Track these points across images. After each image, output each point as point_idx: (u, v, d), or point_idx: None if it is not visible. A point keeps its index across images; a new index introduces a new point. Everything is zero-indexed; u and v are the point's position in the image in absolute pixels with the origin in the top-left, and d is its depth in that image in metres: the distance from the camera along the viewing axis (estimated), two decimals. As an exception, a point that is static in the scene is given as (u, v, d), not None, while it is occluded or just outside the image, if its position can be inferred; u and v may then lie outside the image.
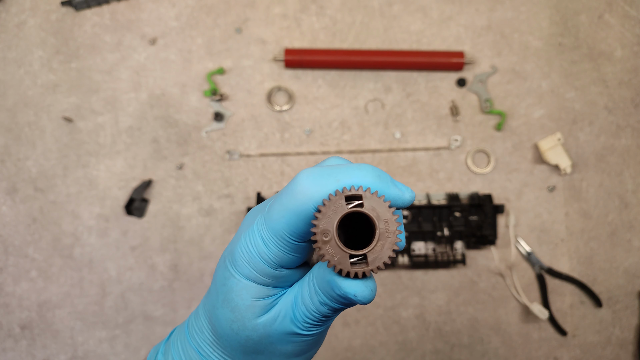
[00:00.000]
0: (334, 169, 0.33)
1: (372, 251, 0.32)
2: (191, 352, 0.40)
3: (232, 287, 0.36)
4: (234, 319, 0.36)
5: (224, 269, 0.37)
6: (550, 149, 0.90)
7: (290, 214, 0.33)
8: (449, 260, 0.88)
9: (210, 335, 0.39)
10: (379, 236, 0.32)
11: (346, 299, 0.33)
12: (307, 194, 0.33)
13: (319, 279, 0.34)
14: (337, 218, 0.31)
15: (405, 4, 0.94)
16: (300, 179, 0.33)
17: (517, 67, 0.93)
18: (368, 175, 0.33)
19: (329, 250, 0.32)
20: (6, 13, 0.91)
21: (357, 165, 0.34)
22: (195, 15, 0.93)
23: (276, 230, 0.33)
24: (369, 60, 0.91)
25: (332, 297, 0.34)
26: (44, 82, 0.91)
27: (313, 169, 0.34)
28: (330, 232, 0.31)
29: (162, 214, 0.90)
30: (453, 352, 0.91)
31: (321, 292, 0.34)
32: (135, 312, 0.89)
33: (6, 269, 0.89)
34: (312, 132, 0.92)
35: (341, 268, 0.32)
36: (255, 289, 0.35)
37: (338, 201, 0.32)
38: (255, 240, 0.35)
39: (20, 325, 0.89)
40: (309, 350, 0.38)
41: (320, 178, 0.33)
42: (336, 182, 0.33)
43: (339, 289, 0.33)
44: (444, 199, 0.90)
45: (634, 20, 0.94)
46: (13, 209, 0.89)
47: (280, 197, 0.34)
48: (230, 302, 0.36)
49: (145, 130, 0.91)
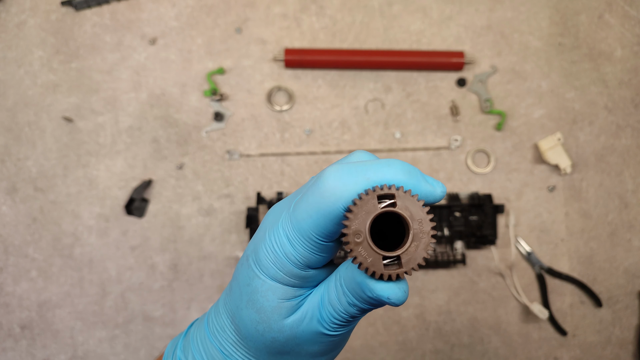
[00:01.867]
0: (362, 166, 0.32)
1: (406, 252, 0.31)
2: (213, 350, 0.39)
3: (257, 288, 0.35)
4: (259, 320, 0.35)
5: (248, 269, 0.36)
6: (550, 149, 0.90)
7: (318, 214, 0.31)
8: (449, 260, 0.88)
9: (233, 335, 0.38)
10: (413, 237, 0.31)
11: (378, 301, 0.32)
12: (335, 193, 0.31)
13: (348, 279, 0.33)
14: (369, 218, 0.30)
15: (405, 4, 0.94)
16: (328, 177, 0.32)
17: (517, 67, 0.93)
18: (398, 171, 0.32)
19: (361, 252, 0.30)
20: (6, 13, 0.91)
21: (386, 162, 0.32)
22: (195, 15, 0.93)
23: (303, 231, 0.32)
24: (369, 60, 0.91)
25: (362, 298, 0.33)
26: (44, 82, 0.91)
27: (341, 165, 0.32)
28: (362, 233, 0.30)
29: (162, 213, 0.90)
30: (453, 352, 0.91)
31: (350, 294, 0.33)
32: (135, 312, 0.89)
33: (6, 269, 0.89)
34: (312, 132, 0.92)
35: (374, 270, 0.30)
36: (282, 290, 0.34)
37: (370, 201, 0.30)
38: (280, 240, 0.33)
39: (20, 325, 0.89)
40: (334, 349, 0.38)
41: (348, 176, 0.31)
42: (366, 180, 0.31)
43: (371, 291, 0.32)
44: (444, 199, 0.90)
45: (634, 20, 0.94)
46: (13, 209, 0.89)
47: (307, 195, 0.32)
48: (256, 303, 0.35)
49: (145, 130, 0.91)
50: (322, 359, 0.38)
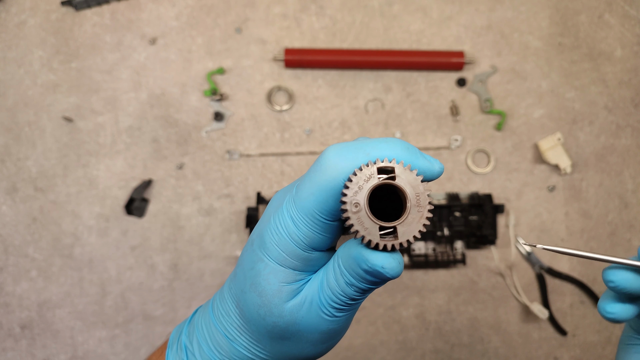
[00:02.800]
0: (362, 143, 0.33)
1: (402, 224, 0.31)
2: (218, 335, 0.39)
3: (260, 271, 0.35)
4: (260, 304, 0.36)
5: (252, 253, 0.36)
6: (550, 148, 0.90)
7: (320, 190, 0.32)
8: (449, 260, 0.88)
9: (238, 319, 0.38)
10: (410, 210, 0.31)
11: (373, 273, 0.33)
12: (336, 168, 0.32)
13: (345, 258, 0.34)
14: (368, 188, 0.31)
15: (405, 4, 0.94)
16: (329, 153, 0.33)
17: (517, 67, 0.93)
18: (397, 147, 0.33)
19: (359, 221, 0.31)
20: (6, 13, 0.91)
21: (384, 139, 0.33)
22: (195, 15, 0.93)
23: (306, 209, 0.33)
24: (369, 60, 0.91)
25: (358, 275, 0.33)
26: (44, 81, 0.91)
27: (341, 144, 0.33)
28: (360, 202, 0.31)
29: (162, 213, 0.90)
30: (453, 352, 0.91)
31: (347, 272, 0.34)
32: (135, 311, 0.89)
33: (6, 269, 0.89)
34: (312, 132, 0.92)
35: (370, 239, 0.31)
36: (283, 273, 0.35)
37: (370, 172, 0.31)
38: (284, 221, 0.34)
39: (20, 325, 0.89)
40: (333, 338, 0.38)
41: (348, 152, 0.32)
42: (366, 155, 0.32)
43: (366, 262, 0.32)
44: (444, 199, 0.90)
45: (634, 20, 0.94)
46: (13, 209, 0.89)
47: (309, 174, 0.33)
48: (258, 287, 0.36)
49: (145, 130, 0.91)
50: (322, 347, 0.38)
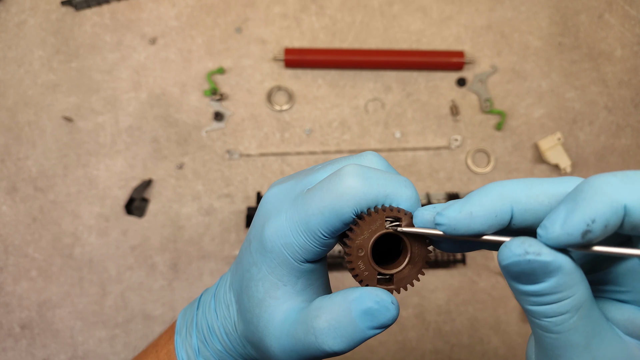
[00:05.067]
0: (382, 178, 0.32)
1: (399, 272, 0.33)
2: (218, 325, 0.40)
3: (253, 276, 0.35)
4: (247, 308, 0.36)
5: (249, 255, 0.36)
6: (550, 148, 0.90)
7: (331, 212, 0.32)
8: (449, 260, 0.88)
9: (236, 314, 0.39)
10: (409, 259, 0.32)
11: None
12: (354, 196, 0.31)
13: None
14: (374, 237, 0.32)
15: (405, 4, 0.94)
16: (348, 177, 0.32)
17: (517, 66, 0.93)
18: (412, 198, 0.33)
19: (360, 266, 0.32)
20: (6, 13, 0.91)
21: (404, 183, 0.33)
22: (195, 15, 0.93)
23: (311, 226, 0.32)
24: (369, 60, 0.91)
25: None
26: (44, 81, 0.91)
27: (360, 168, 0.32)
28: (365, 248, 0.32)
29: (162, 213, 0.90)
30: (453, 352, 0.91)
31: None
32: (135, 311, 0.89)
33: (6, 269, 0.89)
34: (312, 132, 0.92)
35: (367, 283, 0.32)
36: (269, 283, 0.35)
37: (378, 220, 0.32)
38: (283, 231, 0.33)
39: (20, 325, 0.89)
40: None
41: (369, 182, 0.32)
42: (384, 196, 0.32)
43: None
44: (444, 199, 0.90)
45: (634, 20, 0.94)
46: (13, 209, 0.89)
47: (321, 191, 0.32)
48: (249, 290, 0.36)
49: (145, 130, 0.91)
50: None
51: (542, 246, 0.24)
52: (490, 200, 0.27)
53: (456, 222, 0.27)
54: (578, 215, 0.23)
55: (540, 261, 0.24)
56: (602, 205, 0.23)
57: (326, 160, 0.92)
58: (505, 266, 0.25)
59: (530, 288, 0.25)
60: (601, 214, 0.23)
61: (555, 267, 0.24)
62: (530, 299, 0.26)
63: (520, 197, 0.26)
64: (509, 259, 0.25)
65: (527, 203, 0.26)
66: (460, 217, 0.27)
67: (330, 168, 0.35)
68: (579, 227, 0.23)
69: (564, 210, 0.24)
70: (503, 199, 0.27)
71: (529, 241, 0.25)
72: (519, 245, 0.25)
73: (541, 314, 0.26)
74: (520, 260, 0.25)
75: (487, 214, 0.27)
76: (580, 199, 0.24)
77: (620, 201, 0.23)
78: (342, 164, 0.35)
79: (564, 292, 0.25)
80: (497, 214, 0.27)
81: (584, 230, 0.23)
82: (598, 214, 0.23)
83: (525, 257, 0.24)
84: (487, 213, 0.27)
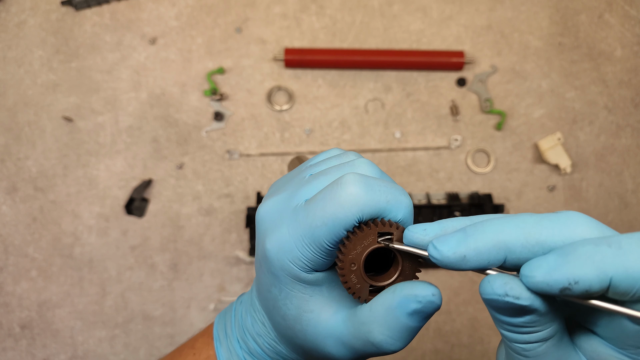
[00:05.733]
0: (383, 186, 0.33)
1: (391, 284, 0.33)
2: (256, 339, 0.40)
3: (277, 296, 0.35)
4: (286, 327, 0.36)
5: (264, 275, 0.36)
6: (550, 148, 0.90)
7: (335, 222, 0.32)
8: (449, 260, 0.88)
9: (272, 331, 0.39)
10: (400, 272, 0.33)
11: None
12: (357, 203, 0.31)
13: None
14: (366, 251, 0.32)
15: (405, 4, 0.94)
16: (349, 186, 0.32)
17: (517, 66, 0.93)
18: (409, 206, 0.33)
19: (352, 279, 0.32)
20: (6, 13, 0.91)
21: (402, 191, 0.33)
22: (195, 15, 0.93)
23: (316, 238, 0.32)
24: (369, 60, 0.91)
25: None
26: (44, 81, 0.91)
27: (360, 176, 0.32)
28: (357, 263, 0.32)
29: (162, 213, 0.90)
30: (453, 352, 0.91)
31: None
32: (135, 311, 0.89)
33: (6, 269, 0.89)
34: (312, 132, 0.92)
35: (359, 295, 0.33)
36: (297, 299, 0.35)
37: (370, 236, 0.32)
38: (288, 246, 0.33)
39: (20, 325, 0.89)
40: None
41: (371, 190, 0.32)
42: (386, 203, 0.32)
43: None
44: (443, 199, 0.90)
45: (634, 20, 0.94)
46: (13, 209, 0.89)
47: (323, 202, 0.32)
48: (279, 310, 0.36)
49: (145, 130, 0.91)
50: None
51: (522, 290, 0.25)
52: (486, 249, 0.27)
53: (448, 261, 0.28)
54: (563, 273, 0.24)
55: (518, 304, 0.25)
56: (589, 272, 0.24)
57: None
58: (485, 299, 0.27)
59: (506, 319, 0.27)
60: (585, 280, 0.24)
61: (531, 309, 0.26)
62: (505, 325, 0.27)
63: (516, 248, 0.27)
64: (489, 296, 0.26)
65: (521, 253, 0.27)
66: (452, 258, 0.27)
67: (324, 179, 0.35)
68: (560, 283, 0.24)
69: (552, 262, 0.25)
70: (498, 249, 0.27)
71: (511, 284, 0.26)
72: (501, 286, 0.26)
73: (513, 340, 0.28)
74: (499, 300, 0.26)
75: (480, 261, 0.27)
76: (571, 258, 0.24)
77: (608, 273, 0.24)
78: (334, 172, 0.35)
79: (537, 327, 0.27)
80: (490, 262, 0.27)
81: (564, 287, 0.24)
82: (582, 279, 0.24)
83: (505, 298, 0.26)
84: (480, 260, 0.27)
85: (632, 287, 0.24)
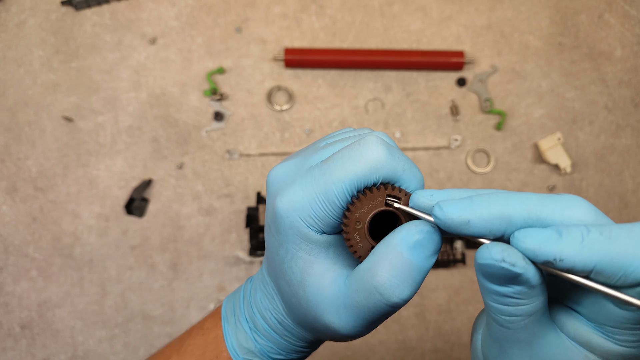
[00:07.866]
0: (401, 154, 0.33)
1: None
2: (263, 315, 0.40)
3: (283, 258, 0.35)
4: (291, 294, 0.36)
5: (272, 238, 0.35)
6: (550, 148, 0.90)
7: (352, 179, 0.32)
8: (449, 260, 0.88)
9: (280, 303, 0.39)
10: None
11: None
12: (377, 164, 0.32)
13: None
14: (373, 212, 0.32)
15: (405, 4, 0.94)
16: (372, 146, 0.32)
17: (517, 66, 0.93)
18: (422, 180, 0.34)
19: (356, 237, 0.32)
20: (6, 12, 0.91)
21: (417, 170, 0.34)
22: (195, 14, 0.93)
23: (329, 194, 0.32)
24: (369, 60, 0.91)
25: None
26: (44, 81, 0.91)
27: (382, 140, 0.33)
28: (363, 221, 0.32)
29: (162, 213, 0.90)
30: (453, 351, 0.91)
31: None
32: (135, 311, 0.89)
33: (6, 269, 0.89)
34: (312, 132, 0.92)
35: (360, 255, 0.33)
36: (302, 261, 0.34)
37: (379, 197, 0.32)
38: (300, 204, 0.33)
39: (20, 325, 0.89)
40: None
41: (392, 154, 0.32)
42: (402, 171, 0.33)
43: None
44: (443, 199, 0.90)
45: (634, 20, 0.94)
46: (13, 209, 0.89)
47: (342, 160, 0.32)
48: (285, 275, 0.35)
49: (145, 130, 0.91)
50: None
51: (519, 258, 0.26)
52: (490, 217, 0.28)
53: (451, 222, 0.28)
54: (551, 249, 0.25)
55: (512, 271, 0.26)
56: (575, 254, 0.25)
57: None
58: (480, 264, 0.27)
59: (495, 288, 0.27)
60: (569, 260, 0.25)
61: (523, 279, 0.26)
62: (492, 296, 0.28)
63: (518, 222, 0.28)
64: (486, 260, 0.27)
65: (521, 227, 0.28)
66: (456, 220, 0.28)
67: (340, 144, 0.35)
68: (546, 256, 0.26)
69: (546, 236, 0.26)
70: (501, 220, 0.28)
71: (509, 251, 0.26)
72: (499, 252, 0.26)
73: (498, 311, 0.28)
74: (495, 265, 0.26)
75: (482, 228, 0.28)
76: (563, 237, 0.25)
77: (593, 259, 0.25)
78: (352, 140, 0.35)
79: (523, 300, 0.27)
80: (491, 231, 0.28)
81: (547, 261, 0.26)
82: (567, 259, 0.25)
83: (501, 263, 0.26)
84: (482, 227, 0.28)
85: (615, 274, 0.25)
